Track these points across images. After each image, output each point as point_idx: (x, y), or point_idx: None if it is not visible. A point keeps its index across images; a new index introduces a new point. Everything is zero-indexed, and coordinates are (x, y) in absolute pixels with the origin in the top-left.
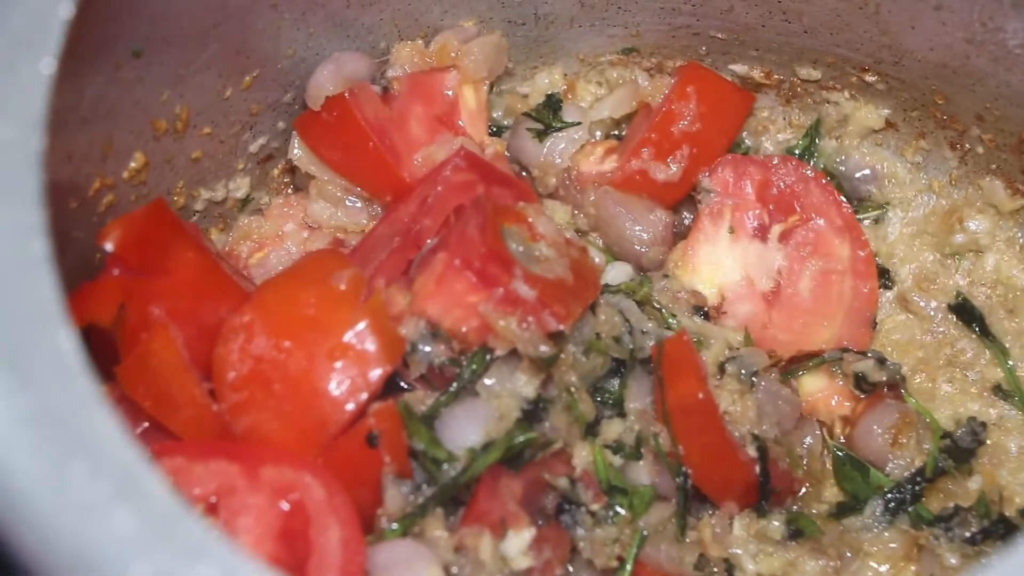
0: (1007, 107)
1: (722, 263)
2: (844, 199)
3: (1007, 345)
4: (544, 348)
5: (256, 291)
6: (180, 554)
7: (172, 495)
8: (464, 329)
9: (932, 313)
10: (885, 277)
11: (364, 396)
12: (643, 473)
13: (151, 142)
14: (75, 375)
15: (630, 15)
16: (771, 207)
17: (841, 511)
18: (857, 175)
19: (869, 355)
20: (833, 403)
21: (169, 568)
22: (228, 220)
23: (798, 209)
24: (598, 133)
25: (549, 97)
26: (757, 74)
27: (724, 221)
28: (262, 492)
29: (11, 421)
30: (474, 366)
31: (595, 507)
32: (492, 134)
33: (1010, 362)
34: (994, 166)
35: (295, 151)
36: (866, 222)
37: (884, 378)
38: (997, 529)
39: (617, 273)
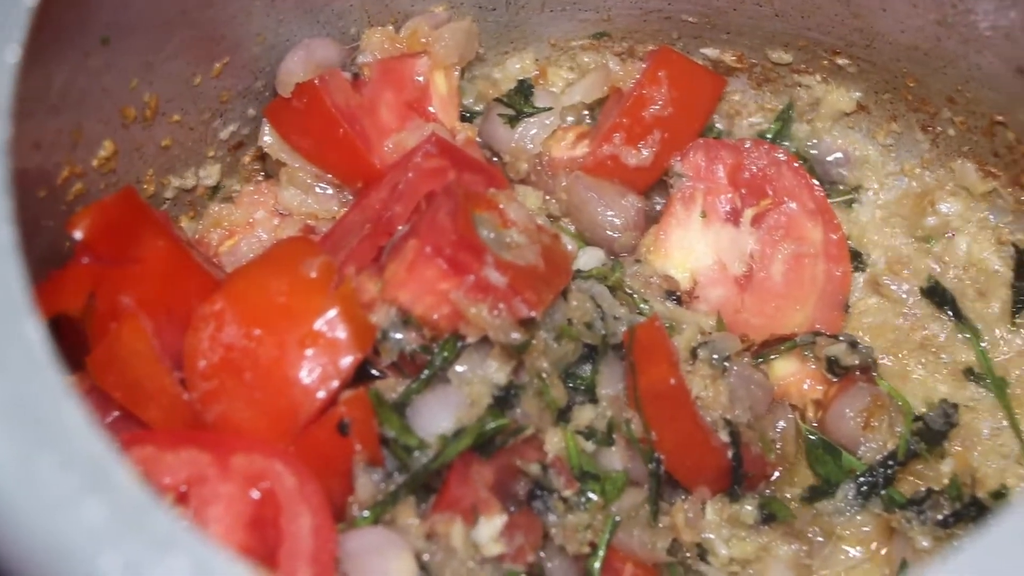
0: (978, 89)
1: (694, 247)
2: (816, 182)
3: (979, 327)
4: (515, 335)
5: (226, 279)
6: (150, 545)
7: (141, 486)
8: (435, 316)
9: (904, 296)
10: (857, 260)
11: (335, 384)
12: (615, 459)
13: (120, 130)
14: (43, 366)
15: None
16: (743, 191)
17: (814, 495)
18: (829, 158)
19: (841, 339)
20: (805, 387)
21: (138, 559)
22: (199, 208)
23: (770, 193)
24: (570, 118)
25: (520, 83)
26: (729, 58)
27: (696, 205)
28: (233, 481)
29: None
30: (445, 353)
31: (567, 493)
32: (464, 120)
33: (982, 344)
34: (965, 148)
35: (265, 138)
36: (838, 205)
37: (856, 361)
38: (969, 512)
39: (589, 258)
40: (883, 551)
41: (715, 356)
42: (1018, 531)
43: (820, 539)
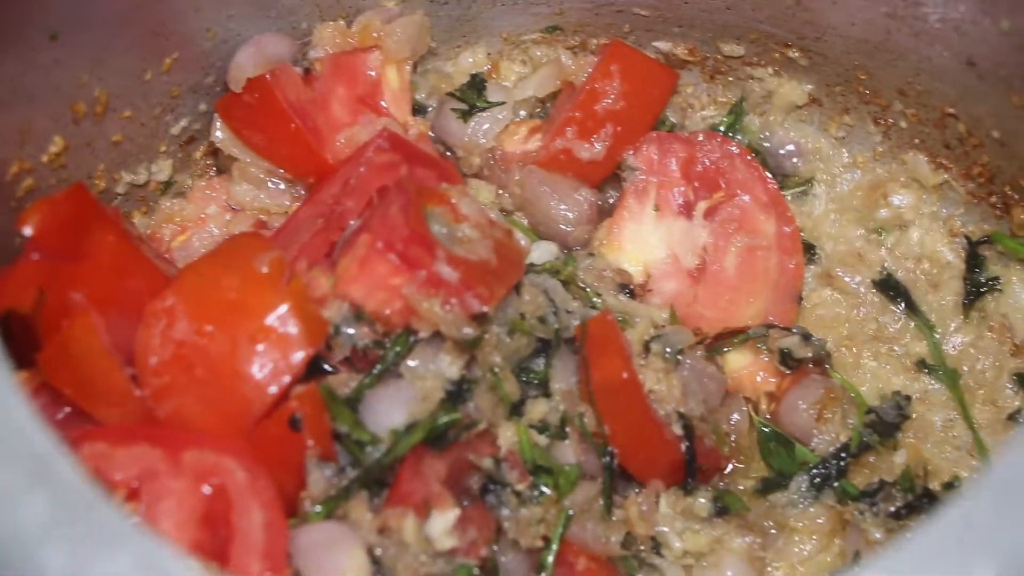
0: (929, 82)
1: (647, 241)
2: (769, 175)
3: (931, 319)
4: (467, 330)
5: (177, 275)
6: (95, 540)
7: (87, 481)
8: (387, 311)
9: (857, 288)
10: (810, 253)
11: (287, 379)
12: (569, 452)
13: (70, 125)
14: None
15: None
16: (696, 184)
17: (767, 487)
18: (782, 151)
19: (794, 331)
20: (759, 379)
21: (83, 554)
22: (150, 203)
23: (723, 186)
24: (522, 112)
25: (473, 77)
26: (681, 51)
27: (649, 199)
28: (184, 476)
29: None
30: (398, 348)
31: (520, 487)
32: (416, 114)
33: (935, 336)
34: (917, 141)
35: (217, 133)
36: (791, 198)
37: (809, 354)
38: (921, 503)
39: (542, 252)
40: (836, 543)
41: (668, 349)
42: (966, 520)
43: (774, 531)
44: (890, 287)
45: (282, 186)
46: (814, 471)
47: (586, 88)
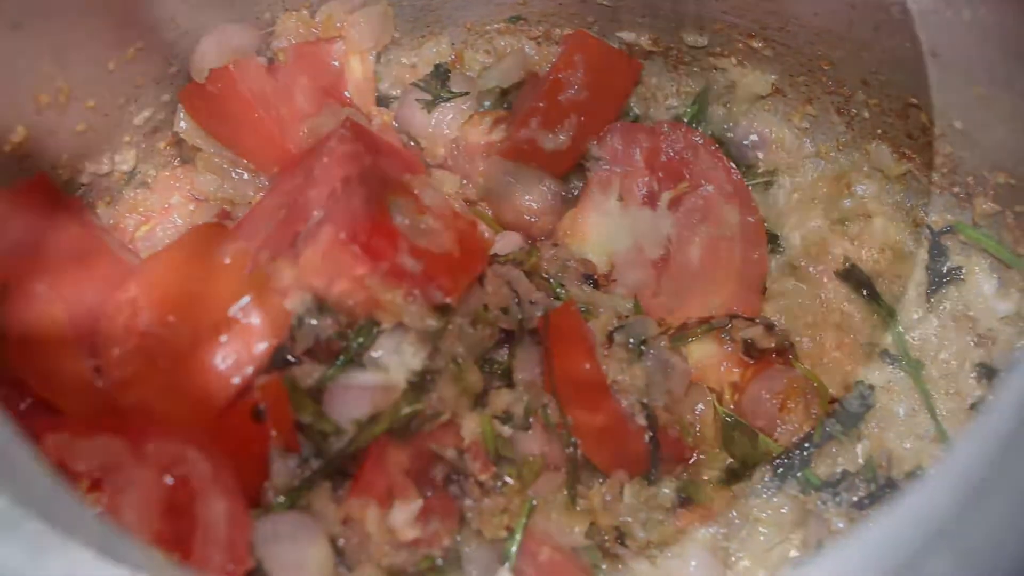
0: (891, 72)
1: (611, 231)
2: (733, 165)
3: (895, 309)
4: (430, 321)
5: (140, 266)
6: (53, 530)
7: (45, 470)
8: (350, 302)
9: (820, 278)
10: (774, 243)
11: (250, 370)
12: (532, 443)
13: (33, 116)
14: None
15: None
16: (660, 174)
17: (731, 478)
18: (745, 141)
19: (757, 321)
20: (722, 369)
21: (40, 543)
22: (114, 193)
23: (687, 176)
24: (486, 103)
25: (437, 67)
26: (644, 41)
27: (613, 189)
28: (147, 467)
29: None
30: (361, 339)
31: (483, 477)
32: (381, 105)
33: (898, 326)
34: (880, 131)
35: (181, 124)
36: (755, 188)
37: (772, 344)
38: (884, 493)
39: (506, 243)
40: (799, 533)
41: (632, 340)
42: (923, 509)
43: (738, 521)
44: (853, 277)
45: (246, 176)
46: (777, 461)
47: (550, 78)
